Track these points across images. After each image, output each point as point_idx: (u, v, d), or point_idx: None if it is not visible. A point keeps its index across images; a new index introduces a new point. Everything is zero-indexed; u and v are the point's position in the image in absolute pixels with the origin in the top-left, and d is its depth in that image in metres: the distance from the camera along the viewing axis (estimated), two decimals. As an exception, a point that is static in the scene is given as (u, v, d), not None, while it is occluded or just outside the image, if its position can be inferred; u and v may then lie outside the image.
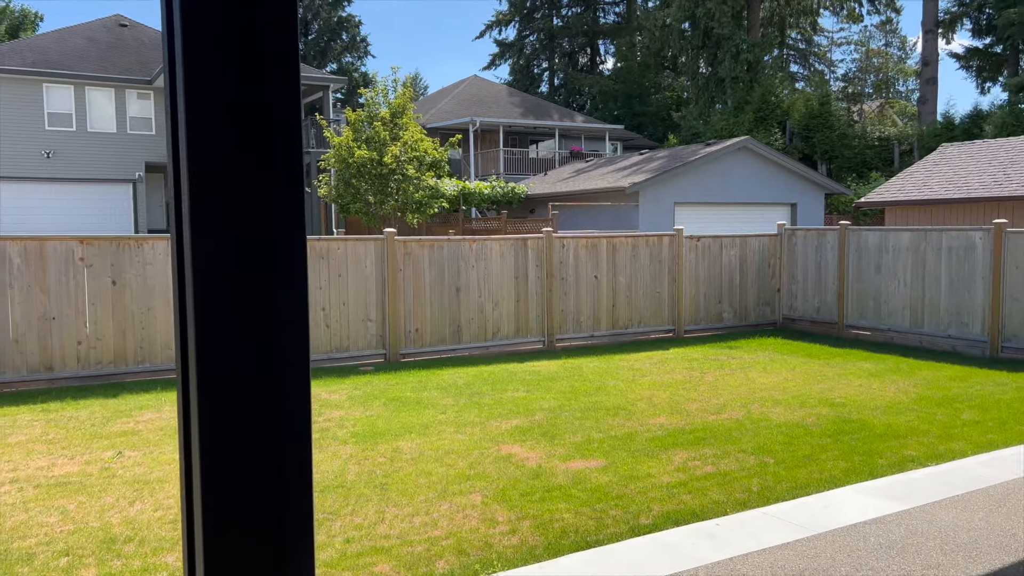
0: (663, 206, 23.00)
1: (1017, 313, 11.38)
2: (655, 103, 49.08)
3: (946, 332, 12.27)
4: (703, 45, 41.25)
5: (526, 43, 55.29)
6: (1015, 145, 18.32)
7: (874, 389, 9.37)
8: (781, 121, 37.88)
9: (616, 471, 6.24)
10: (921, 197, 17.02)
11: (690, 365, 11.11)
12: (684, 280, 13.94)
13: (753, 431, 7.44)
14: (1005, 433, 7.28)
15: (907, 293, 12.80)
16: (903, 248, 12.83)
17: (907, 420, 7.82)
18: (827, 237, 14.12)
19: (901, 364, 11.07)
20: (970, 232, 11.94)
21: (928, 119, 35.95)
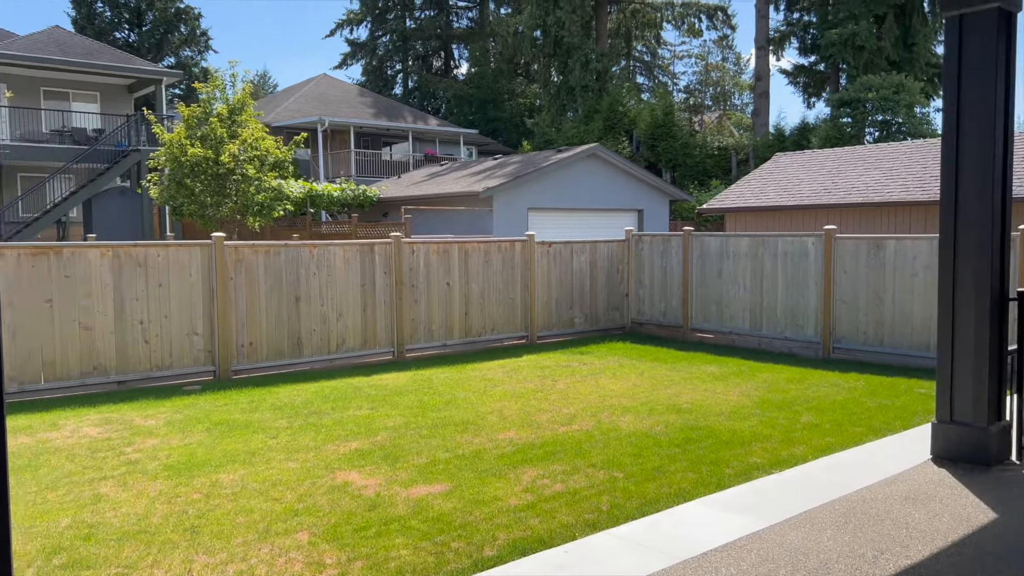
0: (517, 211, 22.94)
1: (846, 316, 11.96)
2: (509, 109, 49.45)
3: (783, 334, 12.75)
4: (554, 53, 41.90)
5: (379, 44, 54.23)
6: (841, 155, 19.57)
7: (719, 393, 9.47)
8: (628, 130, 39.10)
9: (461, 495, 5.80)
10: (758, 204, 17.80)
11: (542, 373, 10.89)
12: (537, 286, 13.77)
13: (603, 442, 7.23)
14: (841, 435, 7.46)
15: (747, 297, 13.22)
16: (742, 253, 13.24)
17: (751, 425, 7.88)
18: (672, 243, 14.39)
19: (743, 367, 11.34)
20: (803, 238, 12.46)
21: (762, 130, 38.18)
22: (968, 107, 4.84)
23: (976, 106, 4.80)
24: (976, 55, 4.78)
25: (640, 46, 49.57)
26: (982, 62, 4.76)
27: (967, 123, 4.84)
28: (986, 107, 4.77)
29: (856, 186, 16.82)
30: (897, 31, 35.21)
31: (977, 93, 4.80)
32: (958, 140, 4.89)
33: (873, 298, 11.67)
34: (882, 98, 31.02)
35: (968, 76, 4.81)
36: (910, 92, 31.08)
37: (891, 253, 11.43)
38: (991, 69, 4.73)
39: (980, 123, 4.80)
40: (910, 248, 11.25)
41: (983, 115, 4.78)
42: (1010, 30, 4.80)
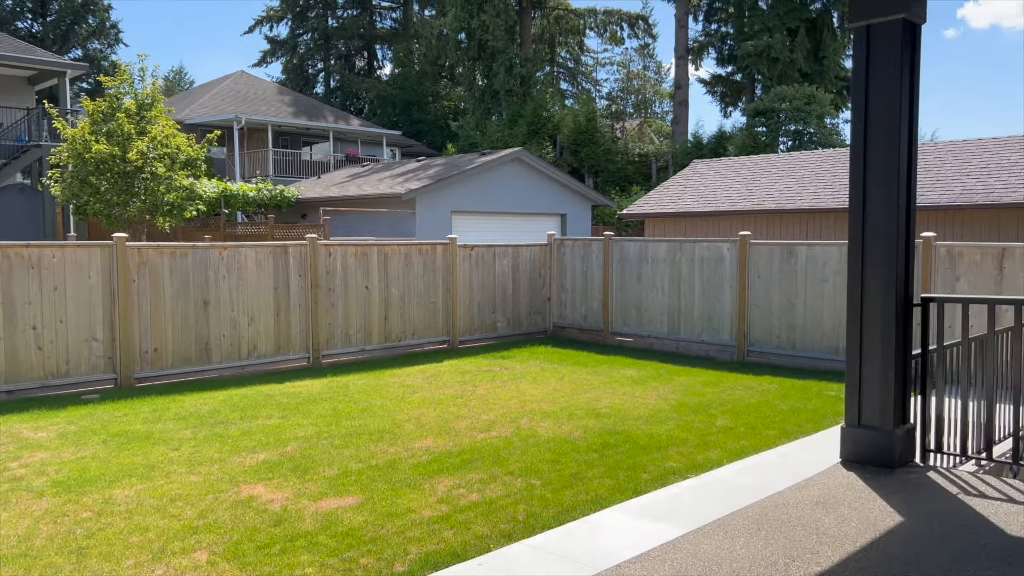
0: (440, 214, 22.73)
1: (760, 320, 12.23)
2: (434, 111, 49.14)
3: (700, 338, 12.95)
4: (479, 57, 41.86)
5: (300, 42, 53.09)
6: (756, 163, 20.09)
7: (637, 397, 9.51)
8: (552, 135, 39.37)
9: (373, 508, 5.59)
10: (677, 210, 18.09)
11: (463, 378, 10.73)
12: (459, 290, 13.61)
13: (521, 449, 7.13)
14: (755, 438, 7.56)
15: (665, 301, 13.38)
16: (661, 258, 13.40)
17: (668, 429, 7.91)
18: (593, 247, 14.46)
19: (661, 370, 11.45)
20: (719, 243, 12.69)
21: (681, 138, 39.01)
22: (875, 117, 4.93)
23: (883, 116, 4.90)
24: (883, 65, 4.88)
25: (564, 52, 50.01)
26: (888, 73, 4.86)
27: (874, 132, 4.94)
28: (892, 117, 4.87)
29: (770, 193, 17.29)
30: (809, 44, 36.52)
31: (884, 103, 4.90)
32: (866, 149, 4.99)
33: (786, 303, 11.96)
34: (795, 108, 32.09)
35: (875, 86, 4.91)
36: (821, 103, 32.26)
37: (803, 259, 11.74)
38: (896, 80, 4.84)
39: (887, 133, 4.90)
40: (820, 254, 11.58)
41: (889, 124, 4.88)
42: (914, 42, 4.92)
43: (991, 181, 14.07)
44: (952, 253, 10.17)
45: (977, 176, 14.50)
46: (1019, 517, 4.09)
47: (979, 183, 14.15)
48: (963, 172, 14.86)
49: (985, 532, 3.91)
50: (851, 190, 5.08)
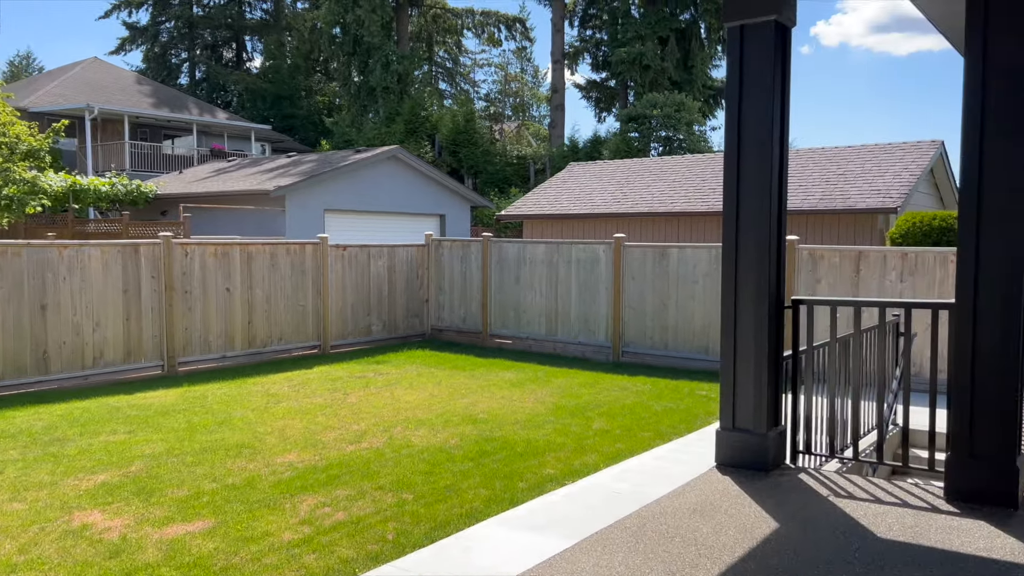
0: (313, 212, 21.88)
1: (634, 321, 12.35)
2: (307, 106, 47.58)
3: (577, 339, 12.95)
4: (354, 52, 40.88)
5: (162, 30, 50.09)
6: (630, 166, 20.47)
7: (515, 401, 9.33)
8: (431, 135, 38.94)
9: (227, 533, 5.09)
10: (554, 212, 18.15)
11: (333, 386, 10.22)
12: (330, 292, 13.03)
13: (394, 461, 6.76)
14: (631, 441, 7.52)
15: (543, 303, 13.32)
16: (539, 260, 13.33)
17: (545, 434, 7.76)
18: (471, 248, 14.22)
19: (539, 372, 11.34)
20: (595, 245, 12.74)
21: (558, 141, 39.50)
22: (749, 117, 4.91)
23: (756, 115, 4.89)
24: (756, 67, 4.86)
25: (442, 52, 49.66)
26: (761, 72, 4.85)
27: (748, 132, 4.92)
28: (765, 117, 4.86)
29: (644, 196, 17.63)
30: (679, 53, 37.82)
31: (757, 103, 4.89)
32: (739, 150, 4.96)
33: (659, 304, 12.13)
34: (665, 115, 33.11)
35: (749, 85, 4.89)
36: (689, 111, 33.43)
37: (675, 261, 11.94)
38: (769, 80, 4.83)
39: (760, 132, 4.88)
40: (691, 257, 11.81)
41: (763, 124, 4.87)
42: (785, 45, 4.94)
43: (847, 187, 14.87)
44: (814, 256, 10.58)
45: (835, 182, 15.29)
46: (886, 518, 4.13)
47: (837, 189, 14.93)
48: (823, 178, 15.64)
49: (856, 536, 3.90)
50: (725, 192, 5.05)
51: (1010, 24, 4.09)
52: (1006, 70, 4.12)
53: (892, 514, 4.18)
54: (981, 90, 4.18)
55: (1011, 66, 4.10)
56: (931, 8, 6.18)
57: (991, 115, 4.17)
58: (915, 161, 15.23)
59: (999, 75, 4.13)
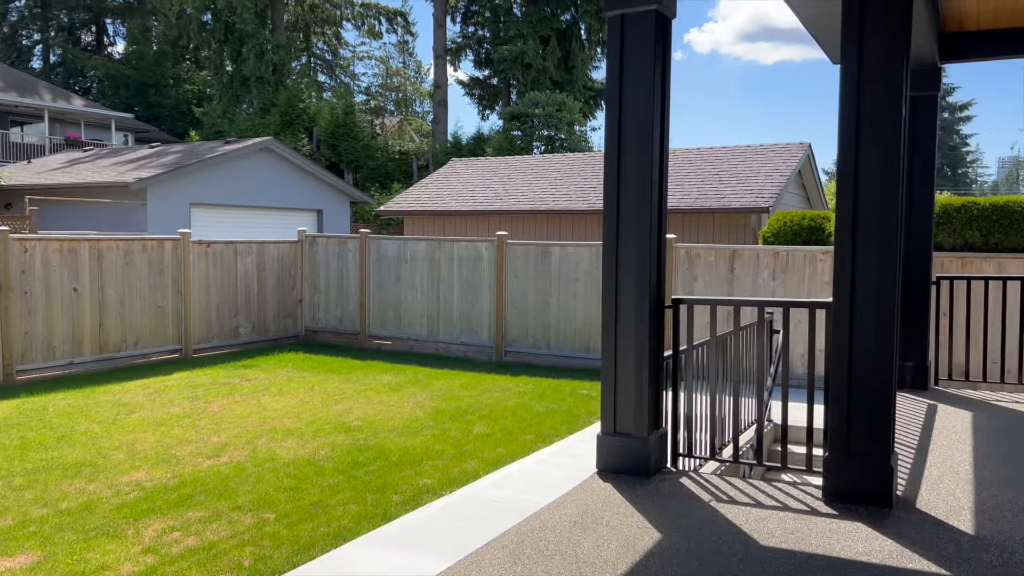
0: (177, 207, 20.54)
1: (516, 319, 12.16)
2: (175, 96, 45.00)
3: (459, 339, 12.64)
4: (226, 40, 38.98)
5: (11, 8, 46.16)
6: (512, 163, 20.34)
7: (393, 406, 8.91)
8: (308, 127, 37.62)
9: (55, 568, 4.46)
10: (435, 208, 17.76)
11: (194, 394, 9.46)
12: (193, 292, 12.14)
13: (256, 476, 6.23)
14: (512, 445, 7.27)
15: (425, 302, 12.92)
16: (420, 258, 12.92)
17: (423, 441, 7.39)
18: (348, 245, 13.64)
19: (419, 375, 10.95)
20: (478, 243, 12.46)
21: (441, 138, 39.06)
22: (630, 109, 4.73)
23: (637, 108, 4.71)
24: (637, 58, 4.69)
25: (321, 43, 48.19)
26: (642, 66, 4.68)
27: (629, 125, 4.74)
28: (647, 112, 4.70)
29: (525, 194, 17.52)
30: (560, 53, 38.17)
31: (638, 97, 4.71)
32: (620, 146, 4.77)
33: (541, 302, 11.99)
34: (547, 115, 33.31)
35: (629, 78, 4.71)
36: (571, 111, 33.77)
37: (557, 260, 11.82)
38: (650, 74, 4.67)
39: (641, 125, 4.71)
40: (573, 255, 11.73)
41: (644, 120, 4.70)
42: (666, 36, 4.79)
43: (722, 187, 15.25)
44: (691, 254, 10.69)
45: (710, 182, 15.66)
46: (768, 523, 4.03)
47: (712, 188, 15.29)
48: (699, 178, 15.99)
49: (739, 544, 3.77)
50: (606, 187, 4.85)
51: (888, 27, 4.07)
52: (880, 76, 4.10)
53: (773, 519, 4.09)
54: (856, 95, 4.15)
55: (885, 72, 4.09)
56: (806, 11, 6.24)
57: (866, 120, 4.14)
58: (784, 162, 15.82)
59: (874, 80, 4.11)
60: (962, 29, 7.09)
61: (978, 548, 3.69)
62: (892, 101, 4.11)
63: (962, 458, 5.18)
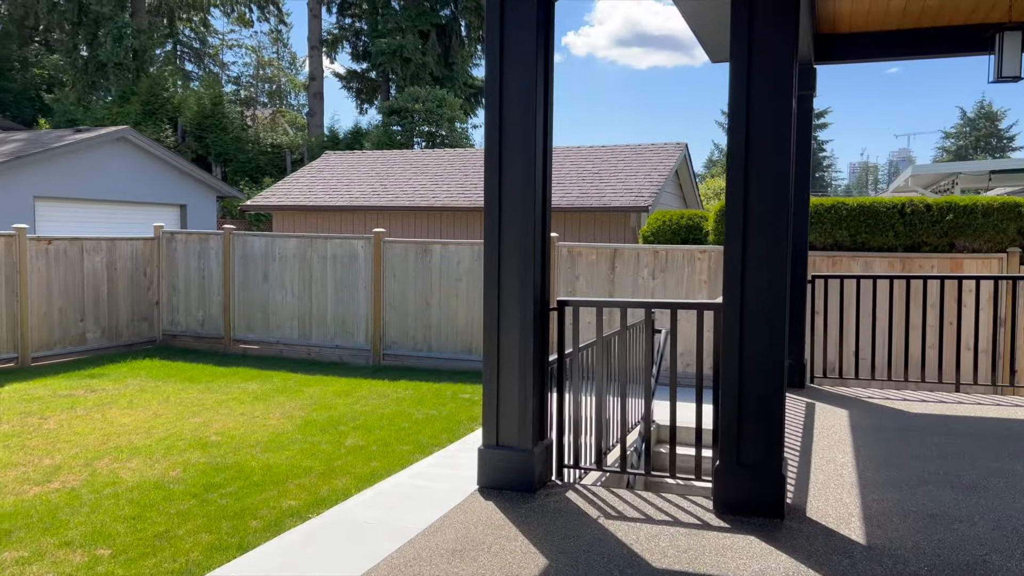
0: (19, 199, 18.65)
1: (395, 321, 11.64)
2: (22, 80, 41.30)
3: (334, 342, 11.98)
4: (80, 22, 36.18)
5: None
6: (391, 158, 19.70)
7: (257, 417, 8.23)
8: (173, 118, 35.43)
9: None
10: (308, 203, 16.89)
11: (28, 408, 8.42)
12: (31, 293, 10.92)
13: (92, 504, 5.47)
14: (388, 458, 6.79)
15: (295, 303, 12.18)
16: (290, 256, 12.17)
17: (290, 456, 6.80)
18: (211, 242, 12.68)
19: (289, 381, 10.25)
20: (353, 240, 11.84)
21: (316, 131, 37.72)
22: (511, 101, 4.39)
23: (519, 99, 4.38)
24: (519, 44, 4.34)
25: (187, 30, 45.56)
26: (524, 53, 4.34)
27: (511, 117, 4.39)
28: (529, 101, 4.36)
29: (404, 190, 16.94)
30: (440, 49, 37.66)
31: (520, 86, 4.37)
32: (501, 138, 4.42)
33: (421, 303, 11.52)
34: (427, 110, 32.75)
35: (511, 66, 4.35)
36: (452, 107, 33.34)
37: (438, 258, 11.39)
38: (533, 61, 4.33)
39: (524, 119, 4.38)
40: (455, 253, 11.33)
41: (526, 110, 4.37)
42: (549, 21, 4.46)
43: (603, 186, 15.25)
44: (572, 253, 10.52)
45: (591, 180, 15.63)
46: (659, 541, 3.77)
47: (593, 187, 15.25)
48: (580, 177, 15.94)
49: (631, 567, 3.48)
50: (487, 182, 4.47)
51: (778, 24, 3.89)
52: (771, 73, 3.92)
53: (665, 536, 3.83)
54: (746, 92, 3.96)
55: (776, 69, 3.92)
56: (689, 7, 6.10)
57: (757, 118, 3.96)
58: (663, 162, 16.01)
59: (764, 77, 3.93)
60: (835, 31, 7.17)
61: (871, 559, 3.56)
62: (782, 98, 3.94)
63: (845, 460, 5.14)
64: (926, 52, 6.69)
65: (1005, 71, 5.48)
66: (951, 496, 4.40)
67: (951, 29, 6.61)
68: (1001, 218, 8.74)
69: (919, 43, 6.66)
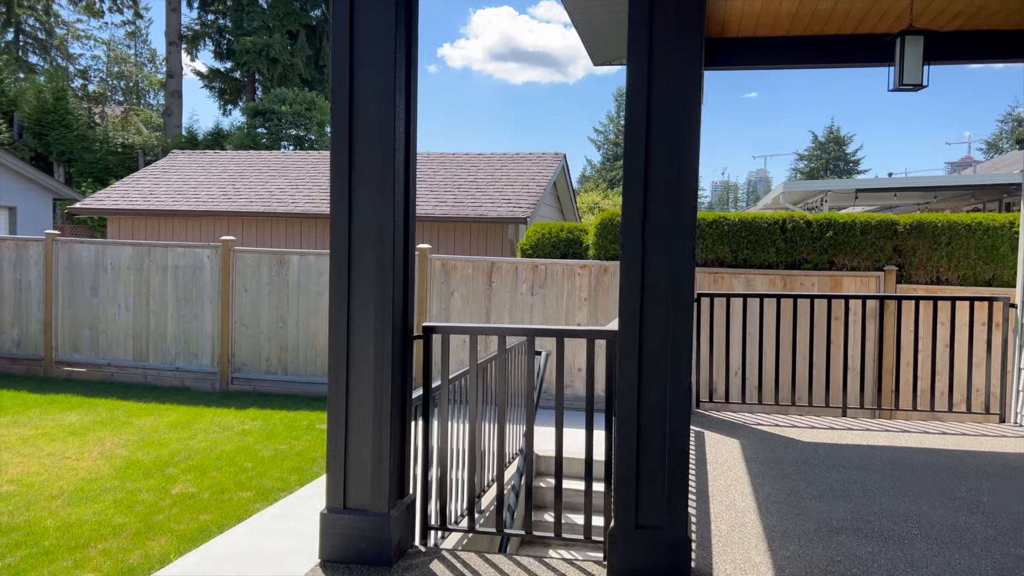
0: None
1: (247, 341, 10.43)
2: None
3: (174, 365, 10.61)
4: (-102, 1, 32.19)
5: None
6: (245, 159, 18.22)
7: (69, 458, 6.91)
8: (8, 112, 32.05)
9: None
10: (148, 207, 15.21)
11: None
12: None
13: None
14: (222, 509, 5.72)
15: (130, 320, 10.72)
16: (124, 266, 10.71)
17: (99, 510, 5.61)
18: (30, 250, 11.02)
19: (117, 411, 8.88)
20: (198, 249, 10.55)
21: (174, 131, 35.21)
22: (364, 75, 3.54)
23: (375, 74, 3.54)
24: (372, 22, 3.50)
25: (31, 19, 41.65)
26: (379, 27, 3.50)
27: (364, 95, 3.54)
28: (387, 79, 3.53)
29: (260, 194, 15.57)
30: (310, 51, 36.08)
31: (375, 56, 3.53)
32: (351, 121, 3.56)
33: (277, 320, 10.38)
34: (295, 113, 31.15)
35: (364, 19, 3.51)
36: (322, 111, 31.88)
37: (296, 270, 10.30)
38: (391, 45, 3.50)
39: (381, 101, 3.54)
40: (315, 265, 10.29)
41: (384, 89, 3.53)
42: (410, 6, 3.66)
43: (479, 195, 14.52)
44: (447, 267, 9.72)
45: (467, 189, 14.88)
46: (546, 631, 3.01)
47: (469, 196, 14.50)
48: (455, 185, 15.15)
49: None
50: (333, 186, 3.61)
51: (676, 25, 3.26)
52: (675, 75, 3.29)
53: (552, 623, 3.08)
54: (646, 98, 3.31)
55: (680, 71, 3.28)
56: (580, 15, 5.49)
57: (657, 124, 3.31)
58: (541, 172, 15.48)
59: (668, 80, 3.29)
60: (724, 35, 6.76)
61: (797, 644, 2.94)
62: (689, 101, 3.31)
63: (746, 504, 4.58)
64: (820, 60, 6.37)
65: (906, 79, 5.17)
66: (867, 549, 3.89)
67: (846, 37, 6.31)
68: (878, 236, 8.65)
69: (812, 50, 6.33)
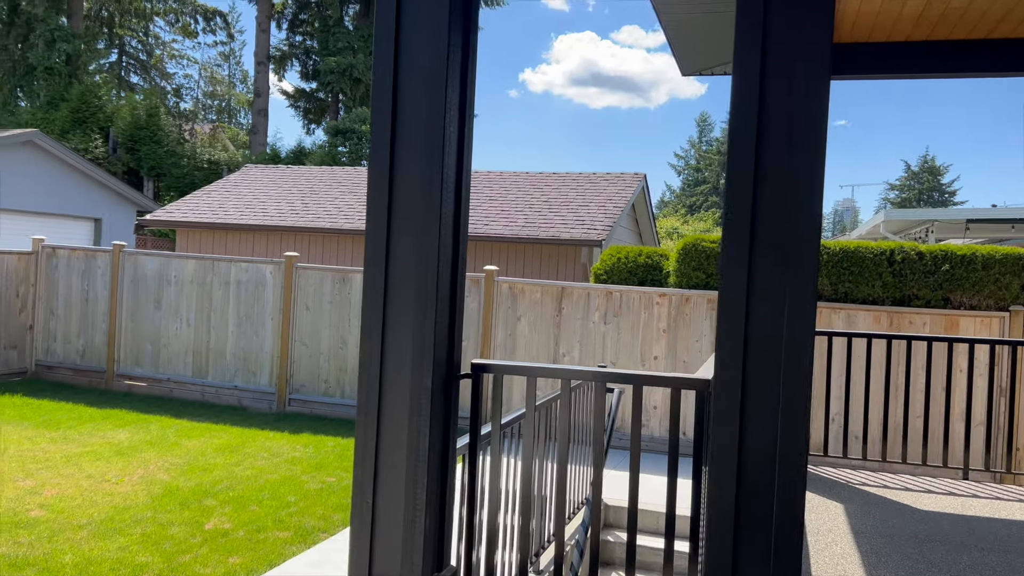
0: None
1: (306, 360, 10.02)
2: (-56, 80, 38.67)
3: (232, 383, 10.29)
4: (11, 22, 34.05)
5: None
6: (316, 174, 18.10)
7: (108, 481, 6.54)
8: (105, 127, 33.29)
9: None
10: (215, 220, 15.11)
11: None
12: None
13: None
14: (254, 551, 5.19)
15: (191, 335, 10.47)
16: (187, 280, 10.49)
17: (124, 545, 5.15)
18: (98, 261, 10.93)
19: (169, 430, 8.54)
20: (260, 265, 10.23)
21: (258, 149, 35.93)
22: (411, 61, 2.95)
23: (425, 61, 2.94)
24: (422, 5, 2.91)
25: (133, 40, 43.50)
26: (431, 20, 2.91)
27: (410, 88, 2.95)
28: (439, 67, 2.93)
29: (328, 210, 15.31)
30: (392, 71, 36.30)
31: (424, 40, 2.94)
32: (395, 116, 2.97)
33: (337, 340, 9.95)
34: (375, 132, 31.26)
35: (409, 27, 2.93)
36: (401, 130, 31.90)
37: (358, 288, 9.85)
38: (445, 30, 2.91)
39: (431, 91, 2.94)
40: (377, 284, 9.82)
41: (435, 78, 2.93)
42: None
43: (552, 216, 13.89)
44: (514, 290, 9.10)
45: (539, 209, 14.27)
46: None
47: (541, 217, 13.89)
48: (526, 204, 14.57)
49: None
50: (370, 181, 3.02)
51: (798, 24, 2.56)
52: (792, 80, 2.58)
53: None
54: (757, 110, 2.61)
55: (798, 76, 2.58)
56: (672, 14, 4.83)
57: (766, 134, 2.60)
58: (619, 193, 14.76)
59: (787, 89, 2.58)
60: (853, 40, 5.95)
61: None
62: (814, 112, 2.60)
63: (860, 594, 3.75)
64: (951, 69, 5.50)
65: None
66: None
67: (978, 43, 5.44)
68: (1004, 271, 7.60)
69: (945, 57, 5.48)
